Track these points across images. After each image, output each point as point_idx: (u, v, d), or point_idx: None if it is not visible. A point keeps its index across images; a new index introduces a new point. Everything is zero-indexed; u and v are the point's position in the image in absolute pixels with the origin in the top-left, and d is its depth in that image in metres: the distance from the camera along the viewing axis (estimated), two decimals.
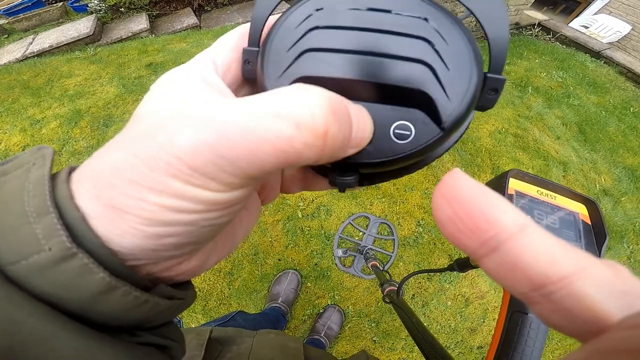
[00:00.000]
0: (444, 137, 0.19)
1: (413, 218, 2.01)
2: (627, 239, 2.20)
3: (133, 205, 0.15)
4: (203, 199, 0.16)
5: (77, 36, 3.16)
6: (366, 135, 0.18)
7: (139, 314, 0.18)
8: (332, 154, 0.16)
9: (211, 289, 1.72)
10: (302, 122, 0.14)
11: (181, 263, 0.20)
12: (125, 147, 0.16)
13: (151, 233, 0.16)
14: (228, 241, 0.25)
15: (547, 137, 2.69)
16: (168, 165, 0.15)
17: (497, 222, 0.12)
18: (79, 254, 0.15)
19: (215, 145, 0.14)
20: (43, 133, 2.24)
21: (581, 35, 4.35)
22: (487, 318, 1.79)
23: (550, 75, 3.44)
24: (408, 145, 0.19)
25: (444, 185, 0.13)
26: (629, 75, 3.90)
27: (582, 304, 0.10)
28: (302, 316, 1.70)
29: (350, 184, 0.21)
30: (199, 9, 3.92)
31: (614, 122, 3.05)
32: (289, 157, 0.15)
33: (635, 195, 2.46)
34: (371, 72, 0.19)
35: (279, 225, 1.91)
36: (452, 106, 0.18)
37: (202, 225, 0.17)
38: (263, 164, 0.15)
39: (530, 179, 0.49)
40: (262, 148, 0.14)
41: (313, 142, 0.15)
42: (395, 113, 0.19)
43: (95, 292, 0.16)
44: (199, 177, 0.15)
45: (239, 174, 0.15)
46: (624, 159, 2.72)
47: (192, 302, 0.25)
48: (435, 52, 0.18)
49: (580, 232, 0.47)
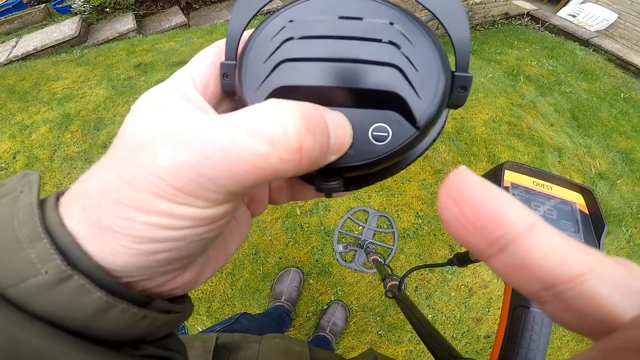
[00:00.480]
0: (420, 136, 0.20)
1: (412, 210, 2.01)
2: (625, 222, 2.23)
3: (122, 225, 0.16)
4: (189, 215, 0.16)
5: (62, 38, 3.08)
6: (346, 141, 0.19)
7: (139, 329, 0.19)
8: (311, 164, 0.17)
9: (214, 291, 1.71)
10: (275, 139, 0.15)
11: (175, 278, 0.21)
12: (111, 169, 0.16)
13: (143, 250, 0.16)
14: (220, 254, 0.26)
15: (540, 124, 2.71)
16: (152, 185, 0.15)
17: (504, 222, 0.11)
18: (75, 276, 0.16)
19: (195, 165, 0.15)
20: (33, 139, 2.19)
21: (569, 24, 4.39)
22: (492, 307, 1.80)
23: (541, 63, 3.47)
24: (387, 146, 0.20)
25: (450, 183, 0.13)
26: (617, 62, 3.95)
27: (593, 304, 0.10)
28: (307, 313, 1.70)
29: (336, 188, 0.21)
30: (187, 7, 3.86)
31: (606, 107, 3.09)
32: (267, 172, 0.15)
33: (630, 178, 2.50)
34: (346, 78, 0.19)
35: (277, 223, 1.90)
36: (424, 105, 0.19)
37: (192, 240, 0.18)
38: (243, 180, 0.15)
39: (525, 170, 0.49)
40: (241, 166, 0.15)
41: (289, 157, 0.15)
42: (372, 116, 0.20)
43: (94, 310, 0.16)
44: (183, 197, 0.15)
45: (221, 191, 0.16)
46: (617, 142, 2.76)
47: (190, 314, 0.26)
48: (403, 55, 0.19)
49: (578, 223, 0.47)
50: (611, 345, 0.09)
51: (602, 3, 4.91)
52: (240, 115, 0.16)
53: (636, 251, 2.12)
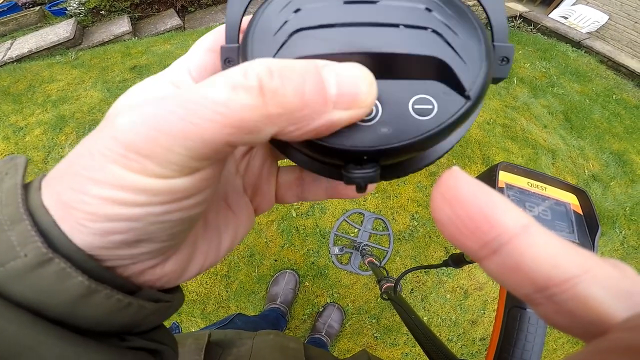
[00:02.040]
0: (472, 108, 0.17)
1: (407, 212, 2.01)
2: (619, 224, 2.24)
3: (76, 199, 0.15)
4: (143, 186, 0.15)
5: (57, 40, 3.08)
6: (360, 91, 0.15)
7: (125, 317, 0.18)
8: (289, 113, 0.14)
9: (209, 293, 1.70)
10: (235, 83, 0.14)
11: (154, 268, 0.20)
12: (83, 142, 0.16)
13: (97, 229, 0.15)
14: (211, 249, 0.24)
15: (534, 126, 2.73)
16: (105, 148, 0.14)
17: (498, 224, 0.11)
18: (55, 259, 0.15)
19: (151, 119, 0.14)
20: (27, 140, 2.18)
21: (561, 26, 4.43)
22: (487, 309, 1.80)
23: (533, 65, 3.49)
24: (434, 120, 0.16)
25: (443, 185, 0.13)
26: (609, 63, 3.98)
27: (586, 306, 0.10)
28: (302, 316, 1.70)
29: (371, 177, 0.17)
30: (182, 10, 3.86)
31: (598, 109, 3.11)
32: (233, 124, 0.14)
33: (623, 180, 2.52)
34: (371, 43, 0.17)
35: (273, 226, 1.90)
36: (472, 72, 0.16)
37: (150, 222, 0.16)
38: (204, 136, 0.14)
39: (520, 171, 0.49)
40: (200, 114, 0.13)
41: (250, 101, 0.14)
42: (409, 88, 0.17)
43: (75, 296, 0.16)
44: (135, 158, 0.14)
45: (179, 150, 0.14)
46: (610, 144, 2.78)
47: (181, 305, 0.24)
48: (438, 19, 0.17)
49: (573, 223, 0.47)
50: (602, 346, 0.09)
51: (593, 5, 4.94)
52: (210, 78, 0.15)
53: (630, 252, 2.13)
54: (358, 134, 0.16)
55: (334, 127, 0.15)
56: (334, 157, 0.17)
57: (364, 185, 0.18)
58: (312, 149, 0.17)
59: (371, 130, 0.16)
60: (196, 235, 0.23)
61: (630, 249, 2.15)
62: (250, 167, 0.27)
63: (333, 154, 0.17)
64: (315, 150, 0.17)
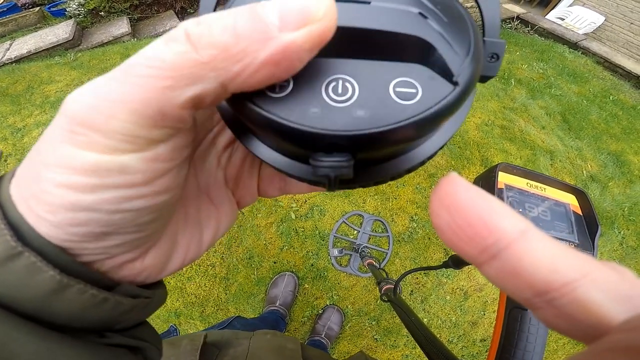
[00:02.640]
0: (460, 96, 0.15)
1: (406, 214, 2.01)
2: (618, 224, 2.25)
3: (35, 189, 0.15)
4: (92, 164, 0.14)
5: (56, 41, 3.06)
6: (308, 2, 0.13)
7: (101, 313, 0.18)
8: (227, 51, 0.13)
9: (207, 295, 1.70)
10: (168, 38, 0.13)
11: (132, 262, 0.19)
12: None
13: (57, 222, 0.15)
14: (192, 242, 0.24)
15: (532, 127, 2.74)
16: (56, 127, 0.14)
17: (496, 229, 0.11)
18: (25, 253, 0.15)
19: (94, 88, 0.14)
20: (25, 142, 2.16)
21: (558, 27, 4.45)
22: (487, 310, 1.80)
23: (531, 66, 3.50)
24: (417, 105, 0.14)
25: (441, 191, 0.13)
26: (606, 64, 4.00)
27: (586, 310, 0.10)
28: (302, 318, 1.69)
29: (343, 168, 0.15)
30: (181, 12, 3.85)
31: (596, 110, 3.12)
32: (167, 74, 0.13)
33: (621, 180, 2.53)
34: (353, 18, 0.15)
35: (272, 228, 1.90)
36: (461, 57, 0.15)
37: (109, 211, 0.15)
38: (143, 94, 0.13)
39: (519, 172, 0.49)
40: (135, 72, 0.13)
41: (179, 48, 0.13)
42: (391, 70, 0.15)
43: (47, 291, 0.15)
44: (81, 131, 0.14)
45: (123, 117, 0.13)
46: (608, 145, 2.79)
47: (163, 302, 0.24)
48: (424, 4, 0.16)
49: (572, 224, 0.47)
50: (601, 347, 0.10)
51: (589, 6, 4.97)
52: None
53: (629, 253, 2.14)
54: (329, 116, 0.14)
55: (292, 54, 0.13)
56: (300, 142, 0.15)
57: (335, 179, 0.15)
58: (276, 132, 0.15)
59: (345, 112, 0.14)
60: (176, 229, 0.23)
61: (630, 249, 2.15)
62: (232, 160, 0.26)
63: (299, 138, 0.15)
64: (278, 134, 0.15)
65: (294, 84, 0.15)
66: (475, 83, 0.16)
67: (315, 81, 0.15)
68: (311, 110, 0.14)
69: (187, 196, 0.24)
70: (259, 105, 0.15)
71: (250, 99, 0.15)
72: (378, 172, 0.19)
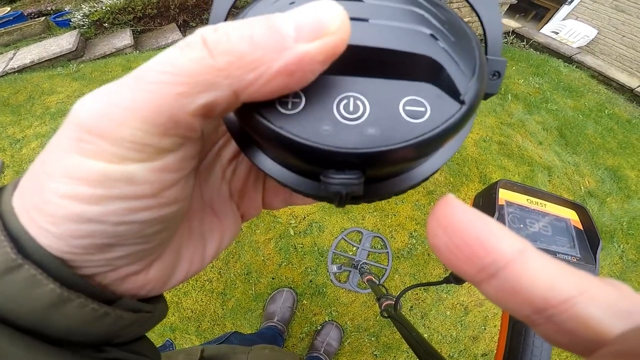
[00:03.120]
0: (466, 115, 0.15)
1: (405, 230, 2.01)
2: (617, 238, 2.26)
3: (37, 200, 0.14)
4: (99, 173, 0.14)
5: (59, 52, 3.08)
6: (323, 15, 0.13)
7: (101, 328, 0.17)
8: (242, 58, 0.13)
9: (204, 310, 1.68)
10: (183, 44, 0.13)
11: (136, 274, 0.19)
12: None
13: (61, 233, 0.15)
14: (196, 255, 0.24)
15: (529, 142, 2.76)
16: (63, 136, 0.14)
17: (494, 249, 0.12)
18: (25, 265, 0.14)
19: (105, 95, 0.14)
20: (23, 153, 2.16)
21: (552, 41, 4.52)
22: (488, 325, 1.80)
23: (527, 81, 3.54)
24: (426, 123, 0.15)
25: (439, 212, 0.13)
26: (600, 78, 4.06)
27: (585, 326, 0.10)
28: (300, 334, 1.68)
29: (354, 185, 0.15)
30: (184, 25, 3.89)
31: (591, 124, 3.16)
32: (181, 80, 0.13)
33: (619, 195, 2.54)
34: (364, 37, 0.15)
35: (271, 244, 1.89)
36: (467, 77, 0.15)
37: (115, 222, 0.15)
38: (156, 101, 0.13)
39: (519, 188, 0.49)
40: (149, 78, 0.13)
41: (195, 54, 0.13)
42: (400, 88, 0.15)
43: (46, 304, 0.15)
44: (89, 139, 0.13)
45: (134, 124, 0.13)
46: (605, 160, 2.81)
47: (164, 316, 0.24)
48: (432, 23, 0.16)
49: (573, 238, 0.47)
50: (594, 357, 0.10)
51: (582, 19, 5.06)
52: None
53: (629, 266, 2.14)
54: (340, 134, 0.15)
55: (306, 65, 0.13)
56: (311, 160, 0.15)
57: (345, 195, 0.15)
58: (287, 148, 0.15)
59: (356, 130, 0.15)
60: (180, 241, 0.22)
61: (630, 262, 2.16)
62: (237, 173, 0.26)
63: (310, 155, 0.15)
64: (290, 150, 0.15)
65: (306, 101, 0.15)
66: (480, 101, 0.16)
67: (327, 99, 0.15)
68: (323, 127, 0.15)
69: (191, 208, 0.23)
70: (271, 121, 0.15)
71: (262, 114, 0.15)
72: (384, 188, 0.19)
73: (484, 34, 0.18)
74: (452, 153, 0.19)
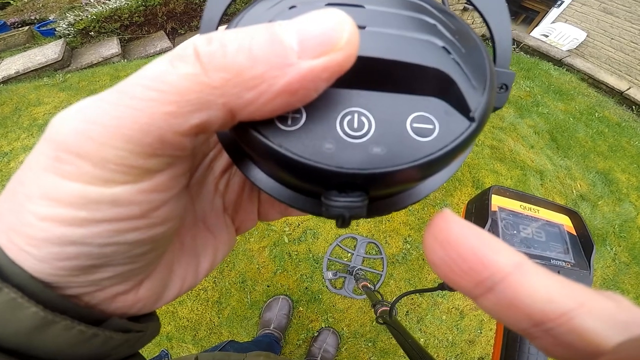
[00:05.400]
0: (476, 131, 0.14)
1: (400, 235, 2.02)
2: (609, 241, 2.29)
3: (16, 222, 0.14)
4: (80, 196, 0.13)
5: (45, 62, 3.04)
6: (329, 29, 0.12)
7: (91, 348, 0.17)
8: (240, 75, 0.12)
9: (200, 319, 1.67)
10: (173, 56, 0.12)
11: (125, 294, 0.18)
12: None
13: (42, 256, 0.14)
14: (189, 271, 0.23)
15: (521, 146, 2.78)
16: (39, 153, 0.13)
17: (491, 264, 0.12)
18: (4, 289, 0.14)
19: (84, 110, 0.12)
20: (12, 167, 2.12)
21: (543, 44, 4.59)
22: (484, 329, 1.80)
23: (518, 85, 3.59)
24: (434, 142, 0.14)
25: (435, 227, 0.13)
26: (589, 81, 4.13)
27: (583, 339, 0.10)
28: (297, 341, 1.67)
29: (357, 209, 0.14)
30: (172, 32, 3.87)
31: (582, 128, 3.20)
32: (170, 98, 0.12)
33: (610, 198, 2.58)
34: (371, 47, 0.14)
35: (265, 252, 1.88)
36: (479, 92, 0.14)
37: (100, 244, 0.14)
38: (142, 119, 0.12)
39: (512, 194, 0.50)
40: (134, 94, 0.12)
41: (186, 69, 0.12)
42: (408, 104, 0.14)
43: (29, 327, 0.14)
44: (68, 159, 0.12)
45: (117, 144, 0.12)
46: (596, 163, 2.85)
47: (156, 334, 0.23)
48: (442, 33, 0.15)
49: (567, 244, 0.47)
50: None
51: (571, 22, 5.14)
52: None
53: (622, 269, 2.16)
54: (344, 153, 0.14)
55: (309, 83, 0.12)
56: (312, 180, 0.14)
57: (349, 219, 0.14)
58: (286, 167, 0.14)
59: (360, 149, 0.14)
60: (172, 258, 0.22)
61: (622, 265, 2.18)
62: (230, 185, 0.25)
63: (311, 175, 0.14)
64: (288, 169, 0.14)
65: (307, 116, 0.14)
66: (488, 117, 0.15)
67: (330, 114, 0.14)
68: (325, 145, 0.14)
69: (183, 225, 0.23)
70: (269, 138, 0.14)
71: (259, 130, 0.14)
72: (384, 206, 0.18)
73: (493, 44, 0.17)
74: (456, 169, 0.18)
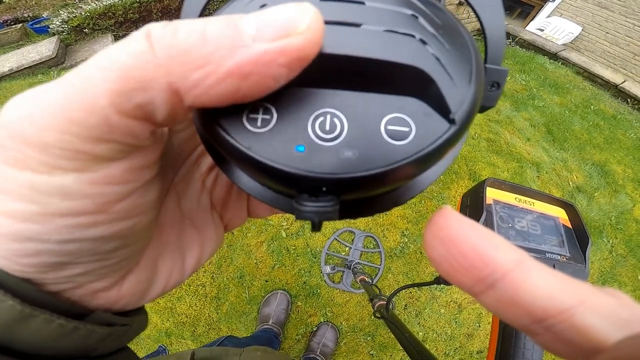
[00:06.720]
0: (456, 135, 0.14)
1: (397, 229, 2.02)
2: (606, 233, 2.30)
3: None
4: (29, 186, 0.12)
5: (39, 59, 2.99)
6: (290, 14, 0.12)
7: (74, 341, 0.17)
8: (188, 53, 0.11)
9: (199, 315, 1.67)
10: (125, 43, 0.12)
11: (107, 290, 0.18)
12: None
13: (5, 253, 0.14)
14: (175, 268, 0.23)
15: (518, 139, 2.79)
16: None
17: (491, 261, 0.11)
18: None
19: (31, 94, 0.12)
20: None
21: (538, 38, 4.61)
22: (482, 322, 1.81)
23: (514, 78, 3.59)
24: (409, 146, 0.13)
25: (435, 224, 0.13)
26: (585, 74, 4.15)
27: (584, 335, 0.10)
28: (296, 335, 1.67)
29: (327, 214, 0.13)
30: None
31: (578, 120, 3.21)
32: (113, 77, 0.11)
33: (606, 190, 2.59)
34: (342, 44, 0.13)
35: (263, 247, 1.88)
36: (460, 91, 0.13)
37: (60, 241, 0.14)
38: (85, 99, 0.11)
39: (507, 187, 0.50)
40: (79, 73, 0.12)
41: (134, 48, 0.11)
42: (383, 104, 0.14)
43: (8, 320, 0.14)
44: (14, 146, 0.12)
45: (62, 127, 0.11)
46: (592, 155, 2.86)
47: (144, 328, 0.23)
48: (424, 27, 0.14)
49: (562, 237, 0.47)
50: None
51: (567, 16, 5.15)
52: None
53: (619, 261, 2.18)
54: (315, 157, 0.13)
55: (264, 67, 0.12)
56: (282, 183, 0.14)
57: (319, 223, 0.14)
58: (256, 170, 0.14)
59: (332, 152, 0.13)
60: (156, 255, 0.21)
61: (619, 257, 2.20)
62: (218, 182, 0.25)
63: (281, 179, 0.14)
64: (259, 172, 0.14)
65: (278, 117, 0.14)
66: (472, 119, 0.14)
67: (302, 115, 0.14)
68: (295, 152, 0.13)
69: (168, 222, 0.22)
70: (238, 140, 0.13)
71: (228, 132, 0.13)
72: (364, 208, 0.17)
73: (485, 40, 0.16)
74: (444, 169, 0.18)
